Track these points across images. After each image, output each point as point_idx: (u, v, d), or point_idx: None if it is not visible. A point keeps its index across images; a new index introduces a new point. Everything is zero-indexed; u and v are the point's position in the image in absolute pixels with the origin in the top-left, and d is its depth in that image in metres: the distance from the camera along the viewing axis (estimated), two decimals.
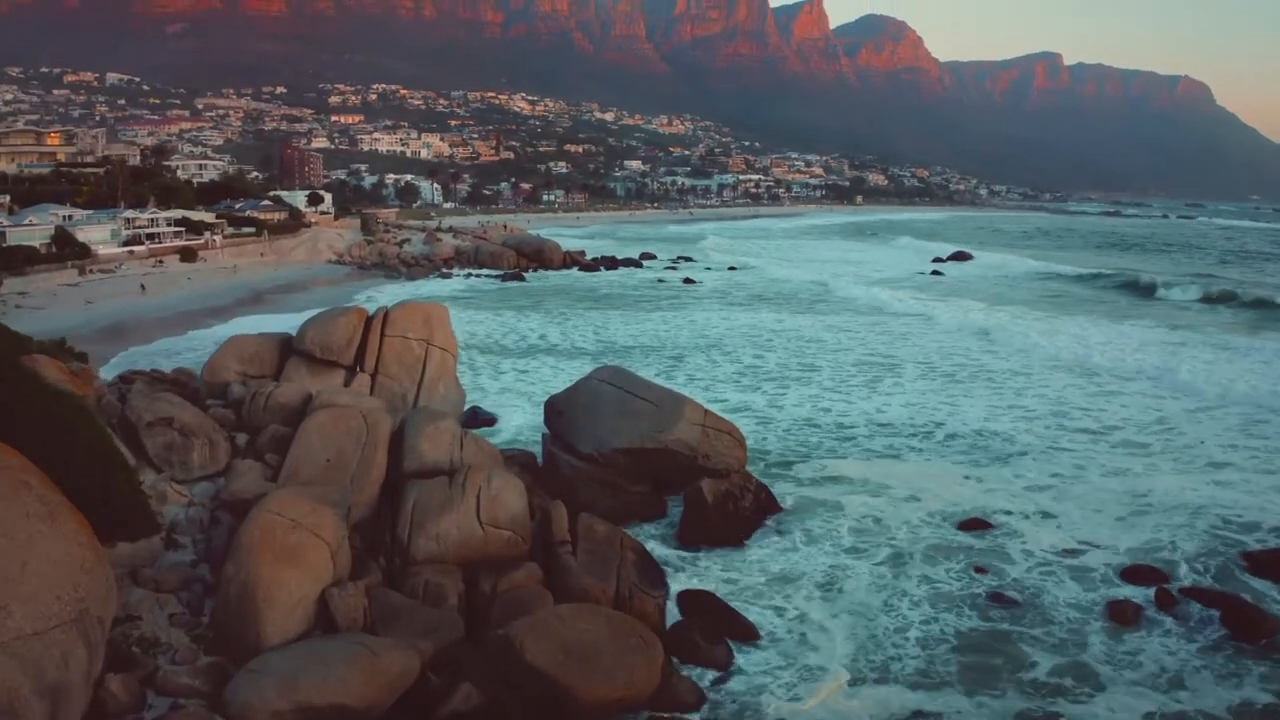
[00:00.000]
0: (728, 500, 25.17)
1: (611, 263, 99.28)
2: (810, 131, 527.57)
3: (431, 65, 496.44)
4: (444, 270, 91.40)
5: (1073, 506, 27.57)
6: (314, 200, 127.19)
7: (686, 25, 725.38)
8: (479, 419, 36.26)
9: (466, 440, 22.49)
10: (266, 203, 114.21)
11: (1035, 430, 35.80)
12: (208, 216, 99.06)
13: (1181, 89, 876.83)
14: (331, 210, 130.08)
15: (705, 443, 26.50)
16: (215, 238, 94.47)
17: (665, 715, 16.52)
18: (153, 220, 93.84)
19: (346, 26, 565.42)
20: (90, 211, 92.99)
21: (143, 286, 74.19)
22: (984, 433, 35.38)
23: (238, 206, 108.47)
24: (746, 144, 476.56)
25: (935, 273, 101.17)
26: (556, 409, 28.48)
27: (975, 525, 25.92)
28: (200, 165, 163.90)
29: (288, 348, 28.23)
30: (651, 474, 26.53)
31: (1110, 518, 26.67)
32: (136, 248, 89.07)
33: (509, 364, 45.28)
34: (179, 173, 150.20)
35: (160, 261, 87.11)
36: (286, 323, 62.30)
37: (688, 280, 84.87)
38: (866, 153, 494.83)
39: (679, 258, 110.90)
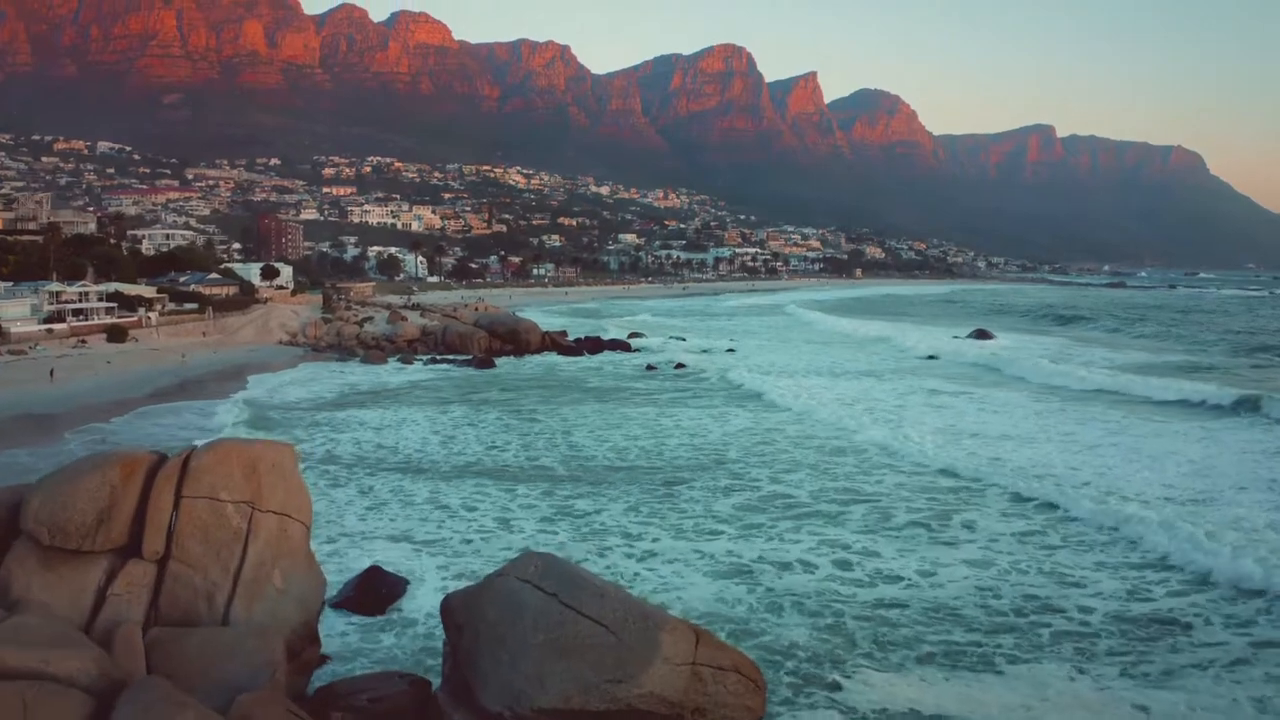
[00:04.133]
0: None
1: (595, 345, 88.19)
2: (806, 205, 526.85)
3: (427, 139, 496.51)
4: (405, 354, 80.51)
5: None
6: (269, 273, 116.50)
7: (682, 100, 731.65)
8: (377, 590, 24.80)
9: None
10: (215, 276, 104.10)
11: (1226, 606, 22.52)
12: (146, 291, 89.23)
13: (1174, 159, 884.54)
14: (290, 284, 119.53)
15: (697, 692, 15.49)
16: (150, 315, 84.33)
17: None
18: (81, 295, 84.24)
19: (343, 100, 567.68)
20: (10, 284, 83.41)
21: (52, 372, 64.13)
22: (1135, 608, 22.42)
23: (183, 280, 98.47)
24: (742, 217, 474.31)
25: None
26: (455, 620, 17.41)
27: None
28: (167, 235, 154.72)
29: (17, 519, 17.19)
30: None
31: None
32: (57, 325, 79.48)
33: (436, 491, 33.94)
34: (145, 243, 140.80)
35: (83, 341, 77.23)
36: (202, 420, 51.41)
37: (679, 366, 73.76)
38: (862, 225, 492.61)
39: (672, 337, 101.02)
